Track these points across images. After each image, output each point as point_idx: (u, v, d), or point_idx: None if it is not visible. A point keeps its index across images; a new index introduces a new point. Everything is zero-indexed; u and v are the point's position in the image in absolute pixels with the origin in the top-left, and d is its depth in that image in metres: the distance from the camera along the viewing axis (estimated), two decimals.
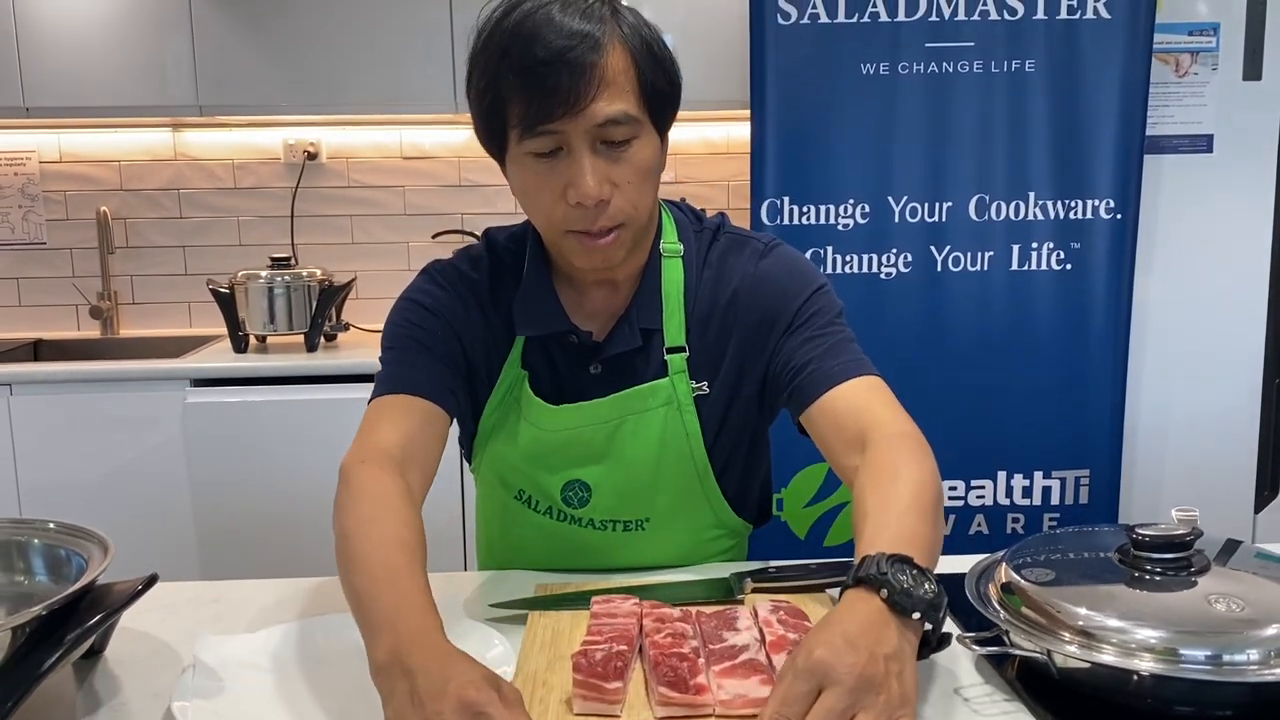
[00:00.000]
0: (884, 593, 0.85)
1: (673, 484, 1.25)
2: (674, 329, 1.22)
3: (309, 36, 2.86)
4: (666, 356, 1.21)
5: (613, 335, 1.21)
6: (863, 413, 1.16)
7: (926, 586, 0.87)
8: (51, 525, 1.06)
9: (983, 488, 2.68)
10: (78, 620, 0.90)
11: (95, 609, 0.91)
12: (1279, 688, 0.86)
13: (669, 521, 1.27)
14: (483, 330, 1.24)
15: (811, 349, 1.20)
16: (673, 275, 1.23)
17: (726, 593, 1.13)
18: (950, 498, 2.67)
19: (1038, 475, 2.67)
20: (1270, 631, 0.87)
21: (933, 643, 0.89)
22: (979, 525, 2.68)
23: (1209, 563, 0.97)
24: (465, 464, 1.38)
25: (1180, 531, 0.97)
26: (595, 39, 1.05)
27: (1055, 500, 2.66)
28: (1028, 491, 2.68)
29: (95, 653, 1.05)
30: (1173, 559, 0.96)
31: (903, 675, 0.81)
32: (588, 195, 1.08)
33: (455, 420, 1.23)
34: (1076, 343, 2.61)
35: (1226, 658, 0.86)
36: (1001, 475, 2.67)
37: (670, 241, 1.24)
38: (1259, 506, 2.80)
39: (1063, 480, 2.66)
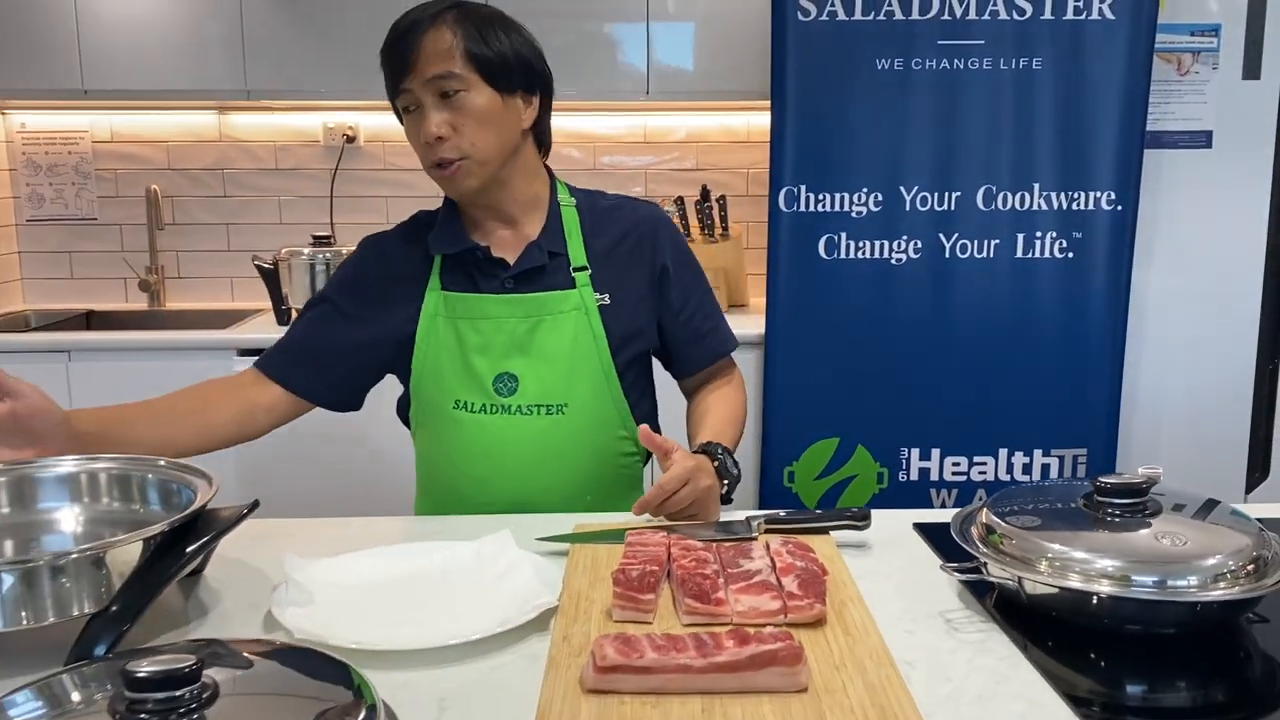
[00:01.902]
0: (716, 463, 1.42)
1: (585, 377, 1.53)
2: (576, 253, 1.55)
3: (350, 24, 3.02)
4: (574, 273, 1.54)
5: (524, 256, 1.54)
6: (719, 370, 1.68)
7: (735, 469, 1.45)
8: (162, 462, 1.23)
9: (985, 464, 2.82)
10: (195, 535, 1.06)
11: (208, 528, 1.07)
12: (1214, 608, 1.01)
13: (583, 410, 1.53)
14: (401, 267, 1.56)
15: (694, 310, 1.63)
16: (570, 217, 1.58)
17: (742, 533, 1.29)
18: (953, 473, 2.82)
19: (1037, 453, 2.81)
20: (1208, 562, 1.02)
21: (729, 494, 1.44)
22: (980, 499, 2.83)
23: (1161, 508, 1.12)
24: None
25: (1136, 481, 1.11)
26: (421, 23, 1.44)
27: (1054, 476, 2.80)
28: (1028, 468, 2.82)
29: (196, 573, 1.21)
30: (1129, 503, 1.11)
31: (712, 492, 1.38)
32: (429, 134, 1.43)
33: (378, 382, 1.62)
34: (1077, 327, 2.75)
35: (1170, 583, 1.01)
36: (1003, 452, 2.82)
37: (565, 196, 1.60)
38: (1250, 487, 2.94)
39: (1061, 458, 2.81)
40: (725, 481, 1.44)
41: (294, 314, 3.04)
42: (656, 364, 1.68)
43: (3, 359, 2.84)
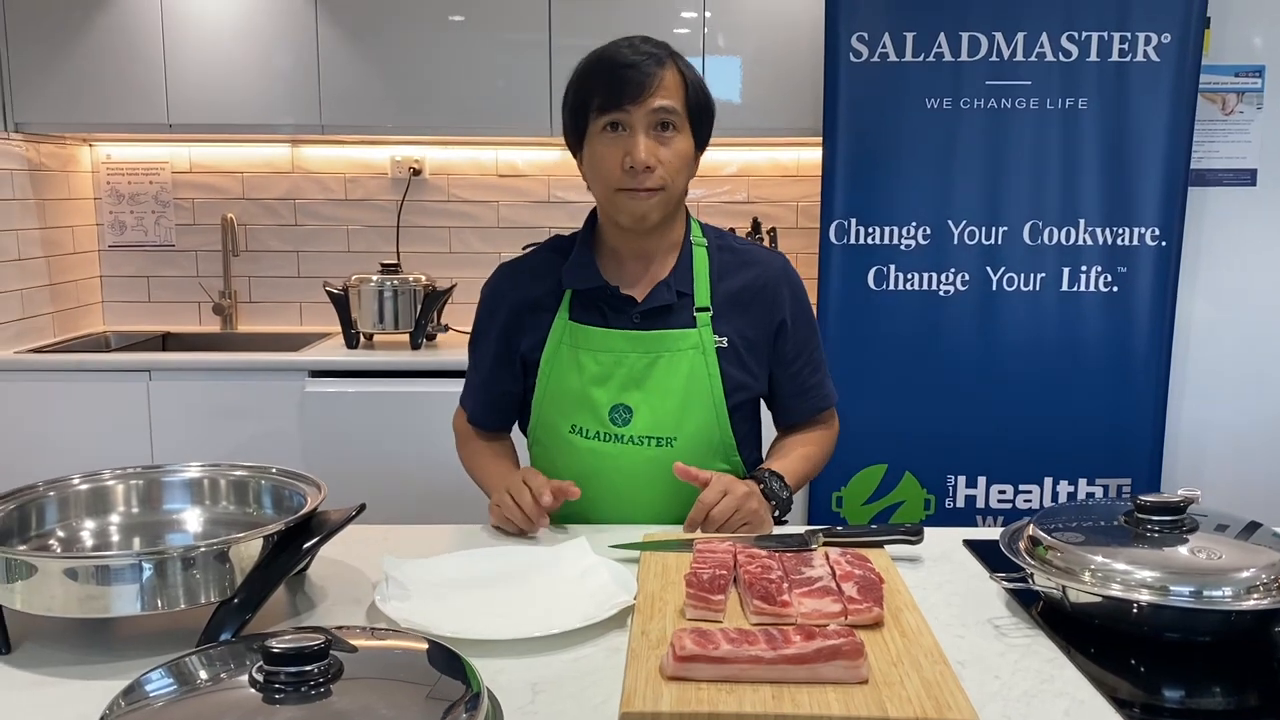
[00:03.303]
0: (761, 486, 1.54)
1: (696, 413, 1.61)
2: (702, 294, 1.64)
3: (418, 64, 3.17)
4: (696, 313, 1.62)
5: (652, 294, 1.62)
6: (816, 421, 1.78)
7: (783, 492, 1.59)
8: (274, 470, 1.35)
9: (1030, 492, 2.89)
10: (309, 534, 1.17)
11: (320, 528, 1.19)
12: (1247, 618, 1.09)
13: (691, 444, 1.61)
14: (532, 293, 1.68)
15: (804, 364, 1.72)
16: (700, 258, 1.66)
17: (802, 544, 1.38)
18: (999, 500, 2.88)
19: (1082, 482, 2.87)
20: (1242, 575, 1.10)
21: (781, 516, 1.59)
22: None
23: (1198, 525, 1.20)
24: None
25: (1174, 500, 1.20)
26: (660, 59, 1.55)
27: None
28: (1072, 497, 2.88)
29: (300, 572, 1.32)
30: (1168, 520, 1.19)
31: (760, 507, 1.50)
32: (639, 159, 1.52)
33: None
34: (1121, 360, 2.81)
35: (1206, 593, 1.09)
36: (1048, 481, 2.88)
37: (697, 236, 1.69)
38: None
39: (1105, 487, 2.86)
40: (773, 503, 1.54)
41: (361, 338, 3.19)
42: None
43: (86, 378, 3.01)
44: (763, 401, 1.76)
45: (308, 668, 0.89)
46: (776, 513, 1.57)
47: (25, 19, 3.14)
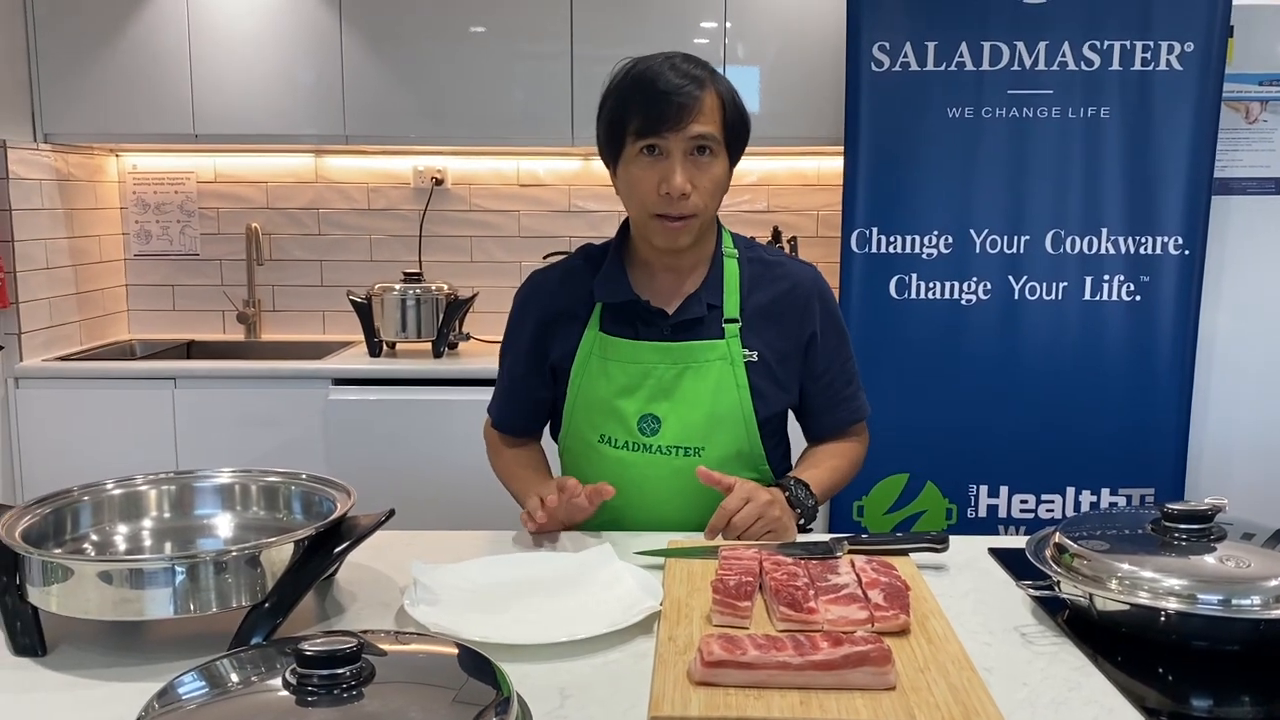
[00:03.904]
0: (787, 494, 1.54)
1: (724, 424, 1.62)
2: (731, 306, 1.64)
3: (441, 75, 3.19)
4: (725, 325, 1.62)
5: (683, 307, 1.63)
6: (847, 434, 1.77)
7: (808, 500, 1.57)
8: (304, 475, 1.36)
9: (1052, 502, 2.88)
10: (339, 539, 1.18)
11: (350, 533, 1.20)
12: (1277, 626, 1.08)
13: (719, 454, 1.61)
14: (563, 302, 1.68)
15: (835, 376, 1.71)
16: (731, 269, 1.66)
17: (826, 552, 1.38)
18: (1021, 510, 2.87)
19: (1104, 492, 2.86)
20: (1270, 584, 1.09)
21: (806, 524, 1.57)
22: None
23: (1225, 534, 1.19)
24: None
25: (1202, 508, 1.19)
26: (701, 82, 1.53)
27: None
28: (1095, 507, 2.87)
29: (329, 578, 1.34)
30: (1196, 528, 1.19)
31: (784, 514, 1.50)
32: (676, 187, 1.51)
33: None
34: (1144, 369, 2.80)
35: (1235, 601, 1.09)
36: (1070, 491, 2.87)
37: (728, 246, 1.69)
38: None
39: (1128, 497, 2.85)
40: (797, 510, 1.54)
41: (385, 347, 3.21)
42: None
43: (112, 385, 3.04)
44: (791, 413, 1.76)
45: (340, 671, 0.90)
46: (802, 521, 1.56)
47: (54, 32, 3.19)
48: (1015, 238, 2.80)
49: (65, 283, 3.31)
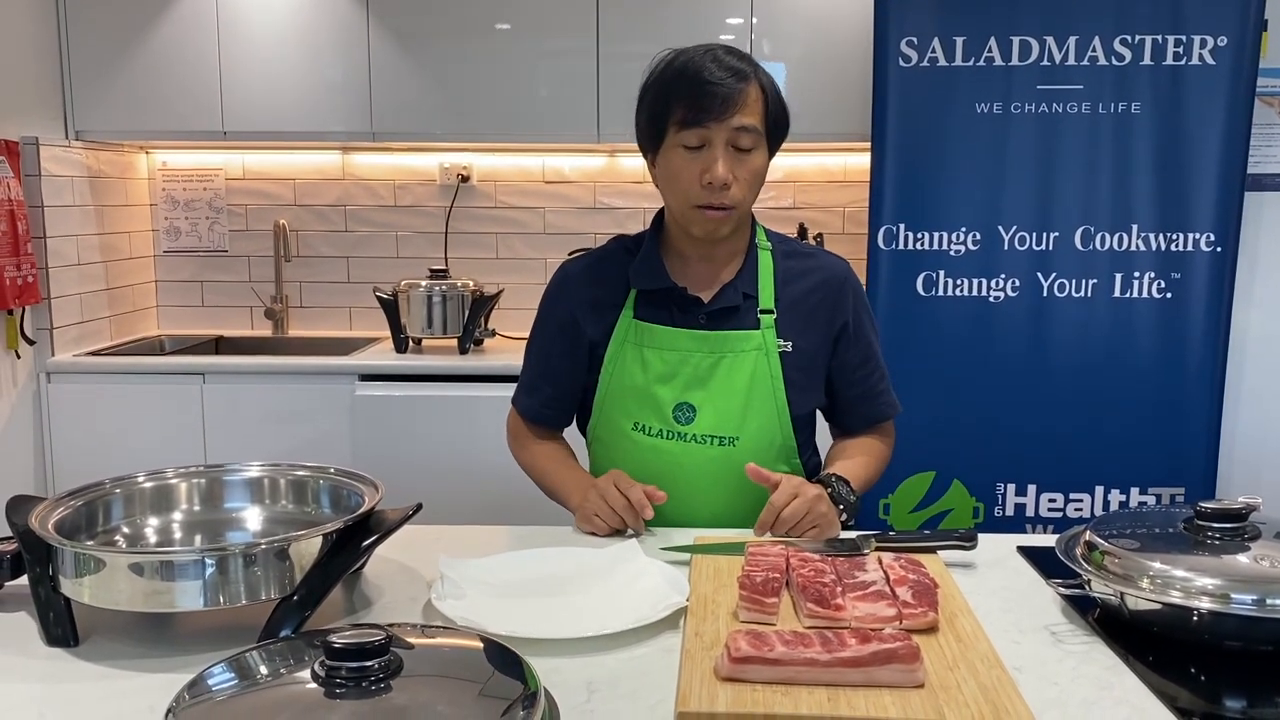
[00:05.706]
0: (829, 490, 1.53)
1: (759, 414, 1.62)
2: (766, 297, 1.65)
3: (467, 73, 3.20)
4: (760, 315, 1.63)
5: (719, 295, 1.64)
6: (877, 428, 1.77)
7: (851, 496, 1.56)
8: (332, 470, 1.37)
9: (1081, 500, 2.85)
10: (367, 532, 1.19)
11: (379, 526, 1.20)
12: None
13: (753, 443, 1.62)
14: (597, 289, 1.69)
15: (869, 369, 1.72)
16: (765, 261, 1.68)
17: (854, 549, 1.38)
18: (1049, 509, 2.85)
19: (1134, 491, 2.83)
20: None
21: (849, 520, 1.55)
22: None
23: (1260, 533, 1.18)
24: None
25: (1236, 507, 1.18)
26: (744, 75, 1.54)
27: None
28: (1124, 506, 2.84)
29: (356, 571, 1.34)
30: (1229, 527, 1.17)
31: (829, 510, 1.49)
32: (718, 178, 1.53)
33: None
34: (1175, 367, 2.77)
35: (1269, 601, 1.07)
36: (1099, 490, 2.84)
37: (762, 240, 1.70)
38: None
39: (1158, 496, 2.82)
40: (840, 507, 1.53)
41: (410, 342, 3.22)
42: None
43: (142, 380, 3.07)
44: (820, 413, 1.75)
45: (369, 663, 0.90)
46: (844, 517, 1.55)
47: (85, 31, 3.22)
48: (1044, 234, 2.78)
49: (96, 279, 3.35)
